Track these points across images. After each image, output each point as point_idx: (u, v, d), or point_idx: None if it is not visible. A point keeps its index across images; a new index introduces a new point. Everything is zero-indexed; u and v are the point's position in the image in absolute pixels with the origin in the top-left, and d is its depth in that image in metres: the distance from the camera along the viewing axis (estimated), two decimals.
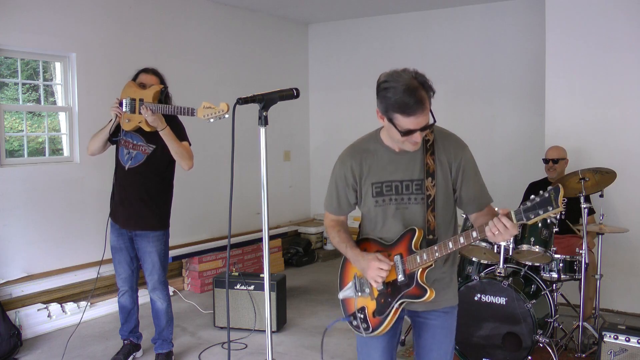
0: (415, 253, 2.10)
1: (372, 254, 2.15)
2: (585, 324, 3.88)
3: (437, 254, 2.06)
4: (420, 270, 2.11)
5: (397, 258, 2.14)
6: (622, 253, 4.84)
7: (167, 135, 3.43)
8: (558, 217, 4.31)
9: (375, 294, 2.20)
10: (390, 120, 2.00)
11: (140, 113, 3.40)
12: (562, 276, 3.91)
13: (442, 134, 2.18)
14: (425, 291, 2.09)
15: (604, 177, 3.96)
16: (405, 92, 1.93)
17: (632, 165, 4.74)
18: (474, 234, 1.99)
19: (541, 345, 3.50)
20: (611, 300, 4.91)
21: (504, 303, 3.51)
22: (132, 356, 3.87)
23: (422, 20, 6.63)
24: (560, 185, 1.87)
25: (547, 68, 5.12)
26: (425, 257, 2.08)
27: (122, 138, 3.59)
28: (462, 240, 2.01)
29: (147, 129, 3.45)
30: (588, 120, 4.96)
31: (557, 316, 3.85)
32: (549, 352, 3.51)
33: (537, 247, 3.78)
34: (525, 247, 3.80)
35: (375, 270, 2.11)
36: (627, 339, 3.22)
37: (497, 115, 6.25)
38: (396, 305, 2.15)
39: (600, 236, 4.00)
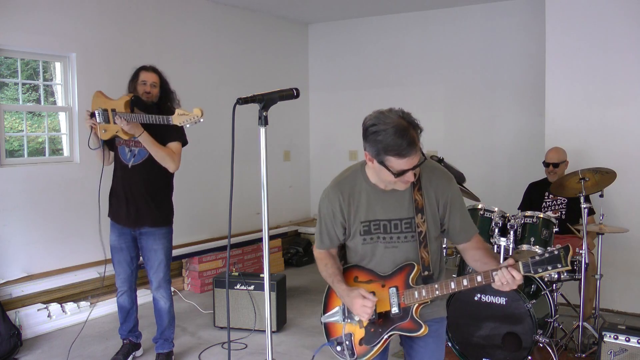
0: (413, 288, 2.10)
1: (356, 290, 2.13)
2: (585, 324, 3.88)
3: (437, 292, 2.06)
4: (416, 305, 2.11)
5: (392, 290, 2.14)
6: (622, 253, 4.84)
7: (146, 141, 3.43)
8: (558, 217, 4.32)
9: (365, 322, 2.18)
10: (382, 163, 1.98)
11: (115, 123, 3.41)
12: (562, 276, 3.91)
13: (427, 168, 2.15)
14: (420, 327, 2.10)
15: (604, 177, 3.96)
16: (396, 134, 1.91)
17: (632, 166, 4.74)
18: (479, 278, 2.00)
19: (541, 345, 3.50)
20: (611, 300, 4.91)
21: (504, 303, 3.51)
22: (131, 355, 3.88)
23: (422, 20, 6.63)
24: (569, 245, 1.93)
25: (547, 68, 5.12)
26: (424, 293, 2.08)
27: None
28: (465, 282, 2.02)
29: (124, 137, 3.47)
30: (588, 121, 4.96)
31: (557, 316, 3.84)
32: (549, 352, 3.51)
33: (537, 247, 3.78)
34: (525, 247, 3.80)
35: (360, 308, 2.09)
36: (627, 339, 3.22)
37: (497, 115, 6.25)
38: (386, 337, 2.15)
39: (600, 236, 4.00)
